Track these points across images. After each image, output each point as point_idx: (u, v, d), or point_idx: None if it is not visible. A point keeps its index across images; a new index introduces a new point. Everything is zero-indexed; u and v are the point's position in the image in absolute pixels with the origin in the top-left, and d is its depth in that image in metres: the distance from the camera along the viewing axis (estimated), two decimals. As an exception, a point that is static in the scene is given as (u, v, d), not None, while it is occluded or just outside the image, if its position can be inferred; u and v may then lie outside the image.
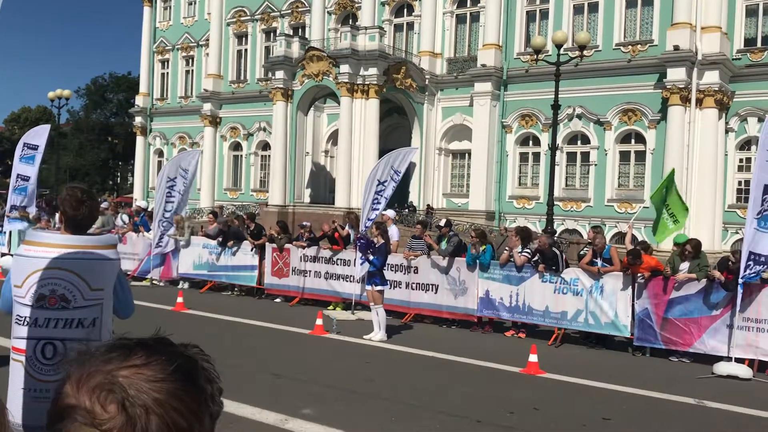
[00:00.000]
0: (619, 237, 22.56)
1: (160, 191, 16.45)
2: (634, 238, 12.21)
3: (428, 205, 28.80)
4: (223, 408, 0.93)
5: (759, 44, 24.51)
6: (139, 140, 41.70)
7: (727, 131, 24.66)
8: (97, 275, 3.32)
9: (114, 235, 13.12)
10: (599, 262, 10.97)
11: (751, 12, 24.75)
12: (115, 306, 3.50)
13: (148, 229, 17.37)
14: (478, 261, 11.98)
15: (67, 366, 0.87)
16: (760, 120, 22.96)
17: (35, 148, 17.12)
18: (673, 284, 10.24)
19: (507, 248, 11.92)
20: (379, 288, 10.95)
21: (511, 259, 11.74)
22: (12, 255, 11.00)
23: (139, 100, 41.71)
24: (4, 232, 18.69)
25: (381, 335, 10.72)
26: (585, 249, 11.66)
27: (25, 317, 3.28)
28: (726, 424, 7.20)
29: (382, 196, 13.04)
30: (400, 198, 27.47)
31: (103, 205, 23.80)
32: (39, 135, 17.45)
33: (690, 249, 10.46)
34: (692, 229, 22.12)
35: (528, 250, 11.68)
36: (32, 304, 3.25)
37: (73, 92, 47.61)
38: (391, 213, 14.10)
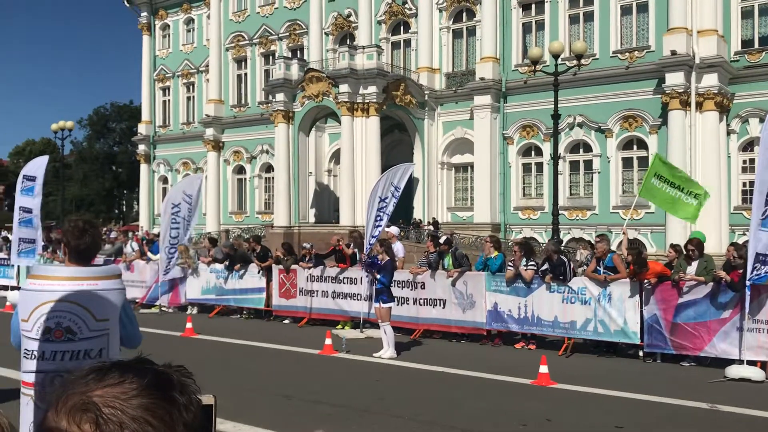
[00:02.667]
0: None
1: (165, 218, 16.51)
2: (633, 242, 12.23)
3: (434, 218, 28.80)
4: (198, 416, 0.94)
5: (756, 45, 24.57)
6: (143, 168, 41.93)
7: (728, 133, 24.67)
8: (101, 306, 3.33)
9: (118, 265, 13.15)
10: (601, 270, 10.98)
11: (746, 14, 24.84)
12: (122, 336, 3.51)
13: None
14: (487, 264, 12.02)
15: (50, 395, 0.92)
16: (762, 120, 22.94)
17: (33, 179, 17.24)
18: (681, 288, 10.21)
19: (510, 264, 11.89)
20: (387, 305, 10.94)
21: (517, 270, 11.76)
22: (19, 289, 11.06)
23: (142, 128, 41.97)
24: (13, 266, 18.78)
25: (390, 352, 10.71)
26: (587, 257, 11.66)
27: (33, 351, 3.28)
28: (740, 427, 7.16)
29: (384, 212, 13.07)
30: (405, 214, 27.52)
31: (112, 234, 23.96)
32: (37, 166, 17.60)
33: (693, 248, 10.44)
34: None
35: (533, 263, 11.66)
36: (39, 338, 3.26)
37: (76, 123, 48.04)
38: (394, 230, 14.12)
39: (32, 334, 3.27)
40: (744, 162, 24.68)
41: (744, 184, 24.30)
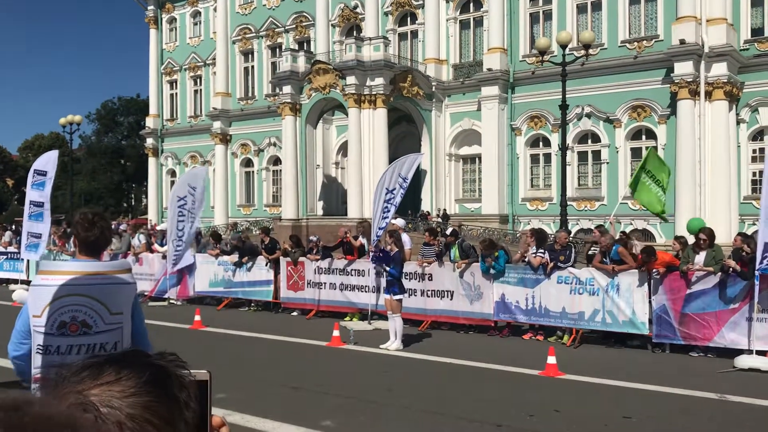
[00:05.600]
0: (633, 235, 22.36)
1: (172, 211, 16.57)
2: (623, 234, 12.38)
3: (443, 209, 28.78)
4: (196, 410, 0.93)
5: (766, 33, 24.36)
6: (151, 161, 42.04)
7: (738, 122, 24.50)
8: (115, 299, 3.34)
9: (128, 260, 13.18)
10: (608, 262, 10.94)
11: (756, 2, 24.62)
12: (133, 333, 3.49)
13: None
14: (492, 269, 11.90)
15: (40, 389, 0.88)
16: (771, 109, 22.83)
17: (44, 174, 17.31)
18: (690, 278, 10.15)
19: (521, 250, 11.92)
20: (398, 297, 10.92)
21: (525, 256, 11.76)
22: (26, 287, 11.06)
23: (150, 122, 42.07)
24: (22, 260, 18.88)
25: (397, 344, 10.71)
26: (592, 249, 11.65)
27: (47, 346, 3.27)
28: (750, 417, 7.13)
29: (391, 204, 13.04)
30: (413, 206, 27.50)
31: (122, 227, 24.06)
32: (48, 161, 17.66)
33: (704, 237, 10.37)
34: (708, 222, 21.91)
35: (543, 251, 11.63)
36: (53, 332, 3.25)
37: (84, 117, 48.20)
38: (400, 222, 14.08)
39: (47, 329, 3.25)
40: (754, 151, 24.52)
41: (754, 174, 24.16)
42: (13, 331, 3.35)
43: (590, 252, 11.70)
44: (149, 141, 41.94)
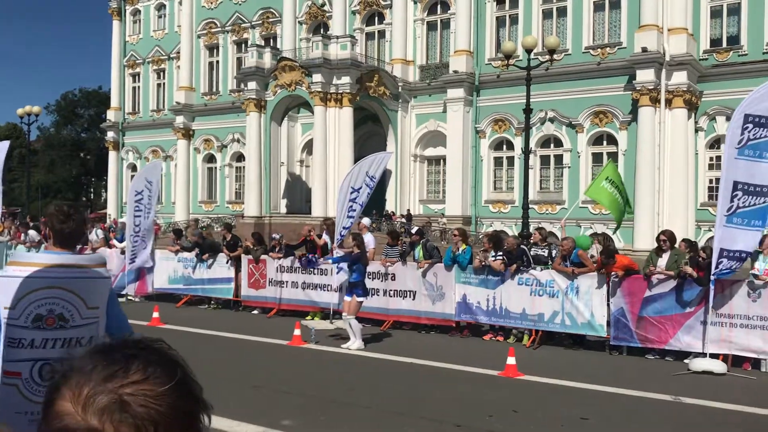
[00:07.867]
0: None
1: (130, 205, 16.33)
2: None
3: (408, 211, 28.86)
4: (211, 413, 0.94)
5: (724, 44, 24.96)
6: (112, 155, 41.34)
7: (696, 130, 25.06)
8: (93, 293, 3.30)
9: (103, 254, 12.90)
10: (568, 264, 11.08)
11: (715, 13, 25.21)
12: (112, 326, 3.44)
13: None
14: (456, 261, 12.01)
15: (59, 381, 0.87)
16: (729, 119, 23.34)
17: None
18: (648, 281, 10.33)
19: (478, 255, 11.98)
20: (361, 299, 10.89)
21: (484, 263, 11.84)
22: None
23: (111, 115, 41.35)
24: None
25: (358, 343, 10.69)
26: (540, 251, 11.82)
27: (20, 339, 3.20)
28: (703, 419, 7.28)
29: (356, 203, 12.97)
30: (377, 206, 27.51)
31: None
32: None
33: (665, 238, 10.56)
34: (665, 227, 22.32)
35: (500, 254, 11.73)
36: (28, 325, 3.19)
37: (43, 108, 47.12)
38: (366, 221, 14.07)
39: (20, 322, 3.18)
40: (711, 159, 25.09)
41: (711, 181, 24.71)
42: None
43: (535, 254, 11.88)
44: (110, 134, 41.24)
